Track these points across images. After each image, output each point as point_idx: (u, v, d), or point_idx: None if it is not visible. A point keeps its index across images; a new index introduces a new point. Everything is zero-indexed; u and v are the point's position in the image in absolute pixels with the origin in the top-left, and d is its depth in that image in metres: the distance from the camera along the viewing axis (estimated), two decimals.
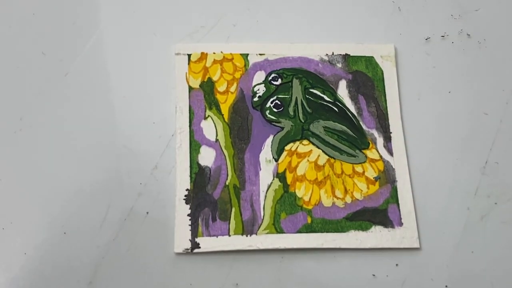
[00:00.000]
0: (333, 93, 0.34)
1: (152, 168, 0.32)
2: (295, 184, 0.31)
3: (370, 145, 0.33)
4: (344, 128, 0.33)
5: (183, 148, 0.32)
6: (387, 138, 0.33)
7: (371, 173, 0.32)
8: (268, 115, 0.33)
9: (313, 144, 0.33)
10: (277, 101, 0.34)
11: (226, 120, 0.33)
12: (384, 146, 0.33)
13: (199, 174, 0.31)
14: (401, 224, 0.31)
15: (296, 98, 0.34)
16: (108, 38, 0.35)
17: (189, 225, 0.30)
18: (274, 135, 0.33)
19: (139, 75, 0.34)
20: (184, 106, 0.33)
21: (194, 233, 0.30)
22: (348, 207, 0.31)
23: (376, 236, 0.30)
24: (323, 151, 0.32)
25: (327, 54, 0.35)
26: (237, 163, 0.32)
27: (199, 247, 0.30)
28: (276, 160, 0.32)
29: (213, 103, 0.33)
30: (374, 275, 0.30)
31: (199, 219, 0.30)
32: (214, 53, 0.35)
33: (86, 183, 0.31)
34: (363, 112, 0.34)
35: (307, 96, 0.34)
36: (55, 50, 0.35)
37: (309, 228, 0.30)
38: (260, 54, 0.35)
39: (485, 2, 0.37)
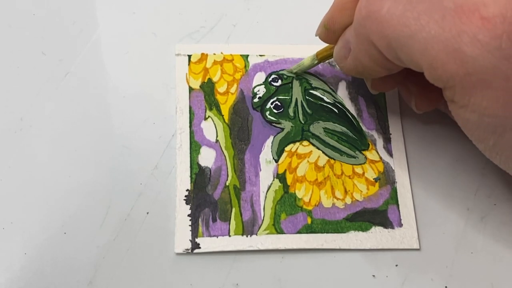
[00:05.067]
0: (333, 95, 0.34)
1: (152, 168, 0.32)
2: (295, 185, 0.31)
3: (370, 146, 0.33)
4: (344, 129, 0.33)
5: (183, 148, 0.32)
6: (387, 139, 0.33)
7: (371, 174, 0.32)
8: (268, 116, 0.33)
9: (313, 145, 0.33)
10: (277, 102, 0.34)
11: (226, 120, 0.33)
12: (384, 147, 0.33)
13: (199, 175, 0.31)
14: (400, 225, 0.31)
15: (296, 99, 0.34)
16: (108, 38, 0.35)
17: (190, 225, 0.30)
18: (274, 136, 0.33)
19: (139, 75, 0.34)
20: (184, 106, 0.33)
21: (195, 233, 0.30)
22: (348, 208, 0.31)
23: (376, 236, 0.30)
24: (323, 152, 0.32)
25: None
26: (237, 163, 0.32)
27: (200, 247, 0.29)
28: (276, 161, 0.32)
29: (213, 104, 0.33)
30: (374, 275, 0.30)
31: (200, 220, 0.30)
32: (214, 54, 0.35)
33: (86, 183, 0.31)
34: (363, 113, 0.34)
35: (307, 97, 0.34)
36: (55, 50, 0.35)
37: (309, 229, 0.30)
38: (260, 55, 0.35)
39: None
